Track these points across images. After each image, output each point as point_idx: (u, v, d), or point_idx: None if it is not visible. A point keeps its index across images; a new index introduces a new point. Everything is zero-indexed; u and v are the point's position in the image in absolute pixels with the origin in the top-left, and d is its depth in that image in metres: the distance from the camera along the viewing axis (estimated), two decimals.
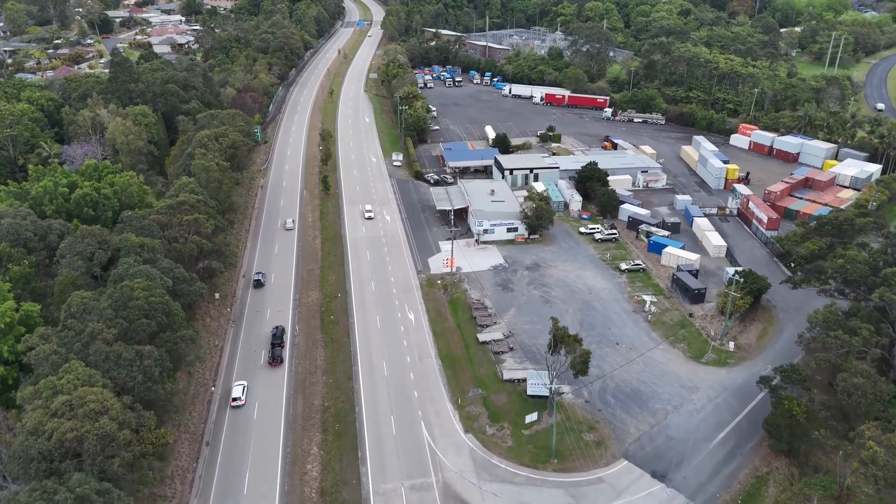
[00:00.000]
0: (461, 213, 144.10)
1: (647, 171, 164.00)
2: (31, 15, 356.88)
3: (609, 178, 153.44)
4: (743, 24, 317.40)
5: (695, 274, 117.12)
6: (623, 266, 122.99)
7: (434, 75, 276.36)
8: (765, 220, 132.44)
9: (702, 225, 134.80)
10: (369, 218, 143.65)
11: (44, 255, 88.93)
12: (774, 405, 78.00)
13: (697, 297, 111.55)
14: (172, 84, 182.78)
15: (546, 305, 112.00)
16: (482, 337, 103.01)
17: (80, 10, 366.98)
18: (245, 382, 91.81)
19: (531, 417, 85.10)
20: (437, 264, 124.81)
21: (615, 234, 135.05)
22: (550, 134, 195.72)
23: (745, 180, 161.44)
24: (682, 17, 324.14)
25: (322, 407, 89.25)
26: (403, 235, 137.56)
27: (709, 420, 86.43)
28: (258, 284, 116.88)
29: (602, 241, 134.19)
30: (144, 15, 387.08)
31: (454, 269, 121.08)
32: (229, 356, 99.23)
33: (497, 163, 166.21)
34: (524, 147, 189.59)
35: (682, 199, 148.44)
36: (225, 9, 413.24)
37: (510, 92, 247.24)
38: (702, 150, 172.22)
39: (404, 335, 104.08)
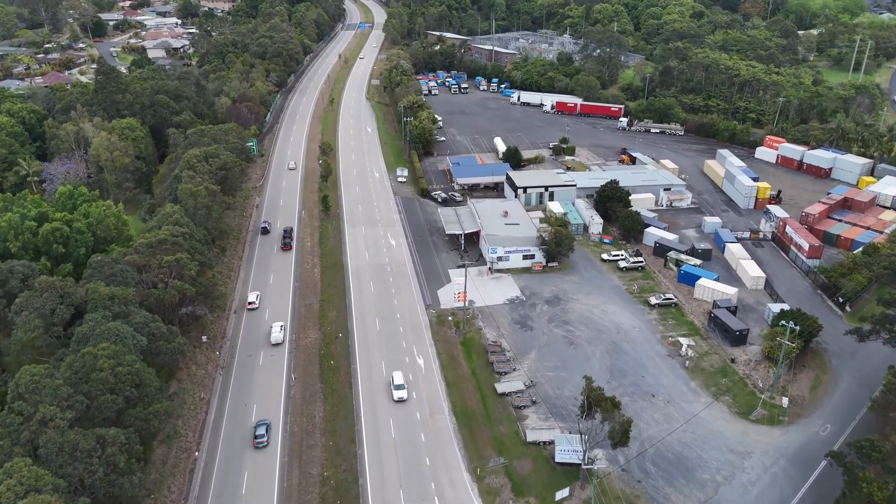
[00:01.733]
0: (472, 237, 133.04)
1: (670, 189, 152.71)
2: (22, 18, 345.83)
3: (630, 197, 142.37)
4: (759, 26, 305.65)
5: (733, 311, 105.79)
6: (653, 300, 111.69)
7: (439, 81, 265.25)
8: (806, 247, 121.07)
9: (736, 252, 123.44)
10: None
11: (2, 305, 77.76)
12: (849, 486, 66.79)
13: (739, 338, 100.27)
14: (163, 94, 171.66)
15: (570, 347, 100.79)
16: (501, 387, 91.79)
17: (73, 12, 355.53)
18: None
19: (562, 494, 73.87)
20: (448, 297, 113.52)
21: (641, 262, 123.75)
22: (564, 146, 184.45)
23: (777, 199, 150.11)
24: (694, 20, 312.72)
25: (321, 478, 77.94)
26: (410, 263, 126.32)
27: (767, 495, 75.11)
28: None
29: (627, 269, 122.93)
30: (139, 18, 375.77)
31: (466, 304, 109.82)
32: (216, 412, 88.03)
33: (509, 180, 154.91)
34: (536, 161, 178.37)
35: (712, 221, 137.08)
36: (222, 11, 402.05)
37: (519, 100, 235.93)
38: (728, 166, 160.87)
39: (413, 385, 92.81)
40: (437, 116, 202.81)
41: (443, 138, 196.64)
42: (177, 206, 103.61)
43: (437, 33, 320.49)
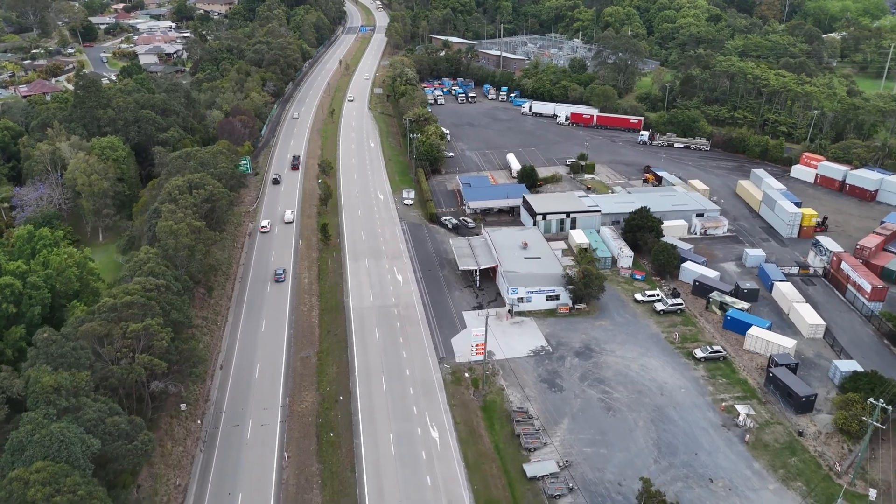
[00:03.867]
0: (487, 271, 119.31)
1: (703, 215, 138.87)
2: (9, 22, 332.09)
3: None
4: (778, 31, 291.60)
5: (794, 368, 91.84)
6: (698, 353, 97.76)
7: (444, 89, 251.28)
8: (867, 288, 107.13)
9: (787, 293, 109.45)
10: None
11: None
12: None
13: (805, 405, 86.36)
14: (148, 109, 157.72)
15: (608, 414, 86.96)
16: (531, 470, 77.95)
17: (63, 14, 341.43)
18: None
19: None
20: (464, 347, 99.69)
21: (681, 304, 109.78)
22: (582, 163, 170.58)
23: (822, 226, 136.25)
24: (711, 24, 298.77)
25: None
26: (419, 304, 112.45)
27: None
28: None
29: (664, 312, 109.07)
30: (132, 21, 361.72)
31: (486, 357, 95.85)
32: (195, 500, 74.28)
33: (526, 204, 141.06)
34: (553, 180, 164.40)
35: (754, 254, 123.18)
36: (218, 14, 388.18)
37: (530, 110, 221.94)
38: (766, 188, 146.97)
39: (427, 466, 79.01)
40: (444, 130, 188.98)
41: (451, 154, 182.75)
42: (153, 250, 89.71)
43: (442, 38, 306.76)
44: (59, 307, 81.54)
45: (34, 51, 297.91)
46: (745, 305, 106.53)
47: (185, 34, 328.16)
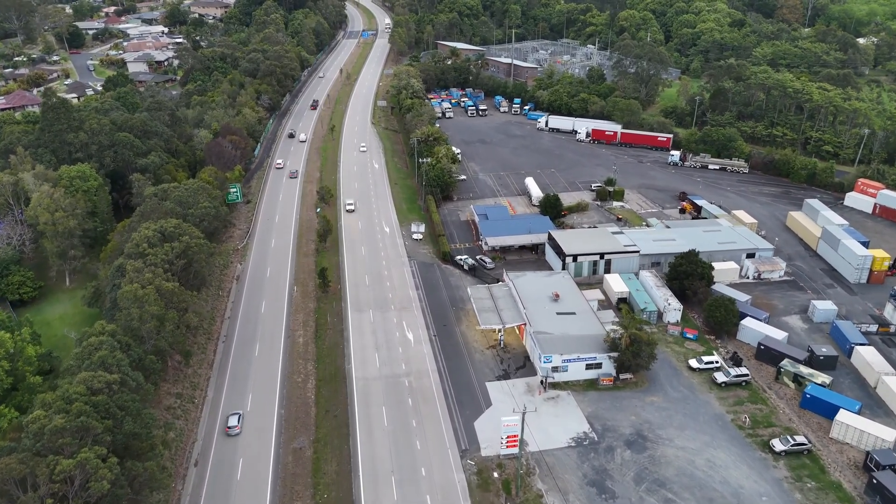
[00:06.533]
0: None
1: (754, 256, 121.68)
2: None
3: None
4: (807, 37, 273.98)
5: None
6: (777, 446, 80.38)
7: (453, 101, 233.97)
8: None
9: (872, 361, 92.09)
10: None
11: None
12: None
13: None
14: (126, 133, 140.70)
15: None
16: None
17: (49, 20, 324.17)
18: None
19: None
20: (489, 434, 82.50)
21: (746, 376, 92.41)
22: (610, 189, 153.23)
23: (894, 269, 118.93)
24: (735, 29, 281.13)
25: None
26: (434, 372, 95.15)
27: None
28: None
29: (727, 385, 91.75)
30: (122, 26, 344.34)
31: (519, 451, 78.48)
32: None
33: (553, 242, 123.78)
34: (578, 209, 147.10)
35: (824, 307, 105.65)
36: (213, 18, 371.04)
37: (547, 125, 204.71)
38: (824, 223, 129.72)
39: None
40: (455, 150, 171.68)
41: (463, 177, 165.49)
42: (110, 327, 72.51)
43: (449, 44, 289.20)
44: None
45: (16, 58, 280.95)
46: (826, 379, 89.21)
47: (178, 39, 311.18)
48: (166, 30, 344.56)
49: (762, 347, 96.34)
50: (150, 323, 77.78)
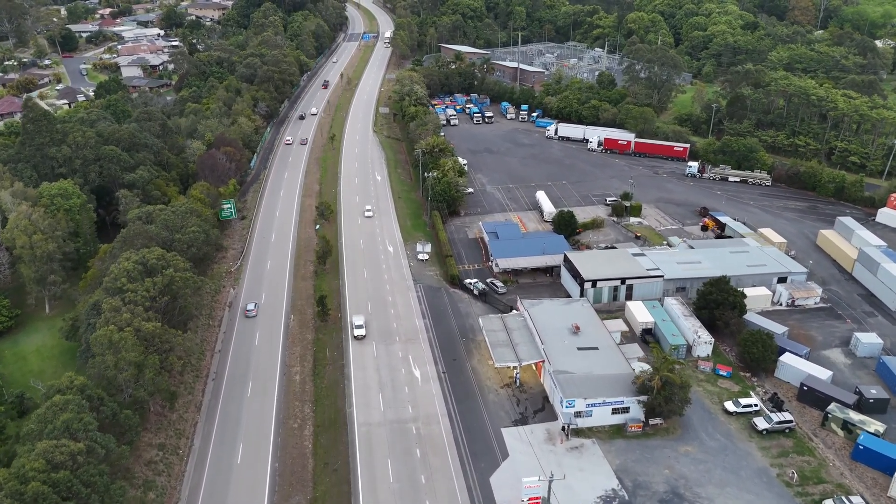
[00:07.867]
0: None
1: (786, 280, 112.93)
2: None
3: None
4: (823, 39, 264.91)
5: None
6: None
7: (458, 107, 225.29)
8: None
9: None
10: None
11: None
12: None
13: None
14: (113, 146, 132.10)
15: None
16: None
17: (41, 23, 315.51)
18: None
19: None
20: (507, 493, 73.75)
21: (790, 421, 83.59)
22: (627, 204, 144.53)
23: None
24: (748, 32, 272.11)
25: None
26: (444, 417, 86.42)
27: None
28: None
29: (768, 432, 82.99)
30: (117, 29, 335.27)
31: None
32: None
33: (569, 264, 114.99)
34: (594, 225, 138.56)
35: (868, 340, 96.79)
36: (211, 20, 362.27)
37: (556, 133, 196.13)
38: (859, 243, 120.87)
39: None
40: (462, 160, 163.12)
41: (470, 190, 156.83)
42: (79, 380, 63.79)
43: (453, 47, 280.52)
44: None
45: (7, 63, 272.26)
46: (880, 428, 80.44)
47: (174, 42, 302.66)
48: (162, 32, 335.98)
49: (805, 388, 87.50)
50: (126, 371, 69.10)
